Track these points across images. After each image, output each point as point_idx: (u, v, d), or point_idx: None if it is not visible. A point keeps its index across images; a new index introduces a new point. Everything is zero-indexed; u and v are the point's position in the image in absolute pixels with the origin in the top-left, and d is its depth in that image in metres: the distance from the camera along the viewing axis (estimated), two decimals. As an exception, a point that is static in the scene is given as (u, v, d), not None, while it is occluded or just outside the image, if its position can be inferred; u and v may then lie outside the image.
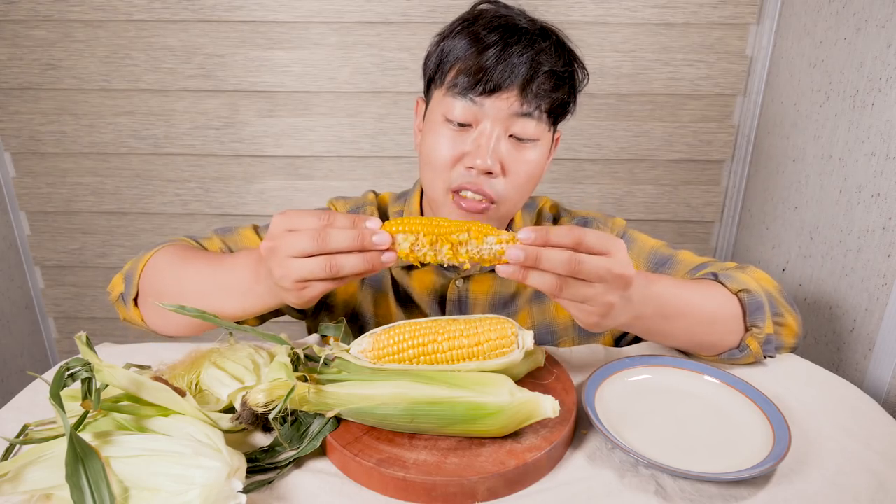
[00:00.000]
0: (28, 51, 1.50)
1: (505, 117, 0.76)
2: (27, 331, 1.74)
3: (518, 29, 0.77)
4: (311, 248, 0.60)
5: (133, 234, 1.69)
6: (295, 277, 0.61)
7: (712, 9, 1.45)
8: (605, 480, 0.61)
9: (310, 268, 0.60)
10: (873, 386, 1.00)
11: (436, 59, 0.81)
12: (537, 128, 0.78)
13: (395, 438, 0.63)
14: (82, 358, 0.59)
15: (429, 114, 0.83)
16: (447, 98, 0.78)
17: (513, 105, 0.76)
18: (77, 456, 0.52)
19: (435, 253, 0.61)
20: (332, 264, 0.60)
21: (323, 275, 0.61)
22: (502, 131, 0.77)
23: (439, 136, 0.79)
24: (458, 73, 0.77)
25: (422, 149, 0.83)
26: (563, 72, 0.79)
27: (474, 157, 0.76)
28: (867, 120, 1.07)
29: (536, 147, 0.80)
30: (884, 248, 1.00)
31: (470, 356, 0.65)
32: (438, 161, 0.79)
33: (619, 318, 0.65)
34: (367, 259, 0.60)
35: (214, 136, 1.58)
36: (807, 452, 0.65)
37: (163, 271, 0.80)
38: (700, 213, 1.64)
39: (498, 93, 0.75)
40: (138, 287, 0.82)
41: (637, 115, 1.55)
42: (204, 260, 0.80)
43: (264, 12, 1.47)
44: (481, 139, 0.77)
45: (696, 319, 0.75)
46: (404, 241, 0.61)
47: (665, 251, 0.91)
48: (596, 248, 0.59)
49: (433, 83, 0.83)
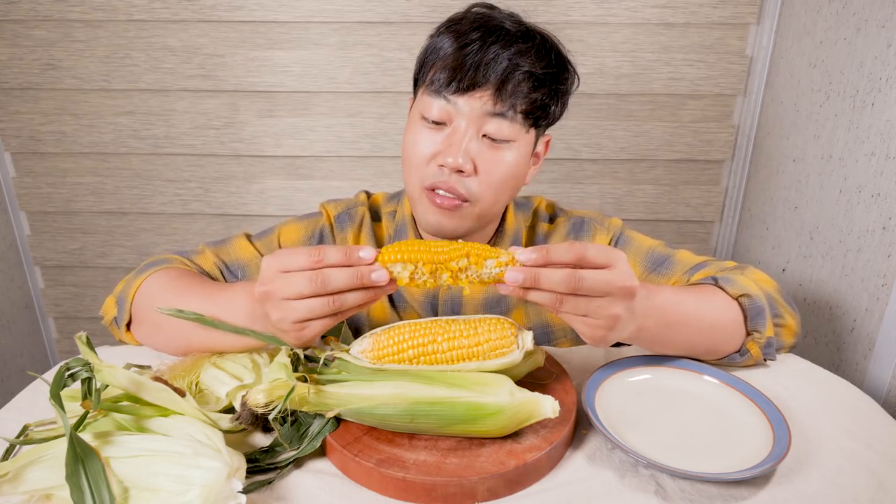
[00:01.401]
0: (28, 51, 1.50)
1: (478, 116, 0.77)
2: (27, 331, 1.74)
3: (499, 29, 0.77)
4: (309, 291, 0.58)
5: (133, 234, 1.69)
6: (294, 318, 0.60)
7: (712, 9, 1.45)
8: (605, 480, 0.61)
9: (310, 306, 0.59)
10: (873, 386, 1.00)
11: (421, 58, 0.82)
12: (511, 128, 0.78)
13: (394, 439, 0.63)
14: (82, 358, 0.59)
15: (410, 113, 0.85)
16: (424, 96, 0.79)
17: (486, 104, 0.76)
18: (77, 456, 0.52)
19: (435, 280, 0.61)
20: (335, 300, 0.59)
21: (325, 312, 0.59)
22: (475, 131, 0.77)
23: (416, 133, 0.80)
24: (436, 71, 0.78)
25: (402, 147, 0.84)
26: (542, 74, 0.77)
27: (446, 156, 0.77)
28: (867, 120, 1.07)
29: (512, 149, 0.79)
30: (884, 248, 1.00)
31: (470, 356, 0.65)
32: (414, 158, 0.80)
33: (624, 331, 0.64)
34: (368, 292, 0.60)
35: (214, 136, 1.58)
36: (807, 452, 0.65)
37: (155, 301, 0.77)
38: (700, 213, 1.64)
39: (472, 91, 0.76)
40: (131, 313, 0.81)
41: (637, 115, 1.55)
42: (199, 291, 0.77)
43: (264, 12, 1.47)
44: (453, 137, 0.77)
45: (698, 328, 0.75)
46: (404, 271, 0.60)
47: (663, 251, 0.91)
48: (597, 261, 0.59)
49: (417, 82, 0.84)
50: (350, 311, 0.61)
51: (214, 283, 0.82)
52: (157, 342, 0.80)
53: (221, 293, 0.75)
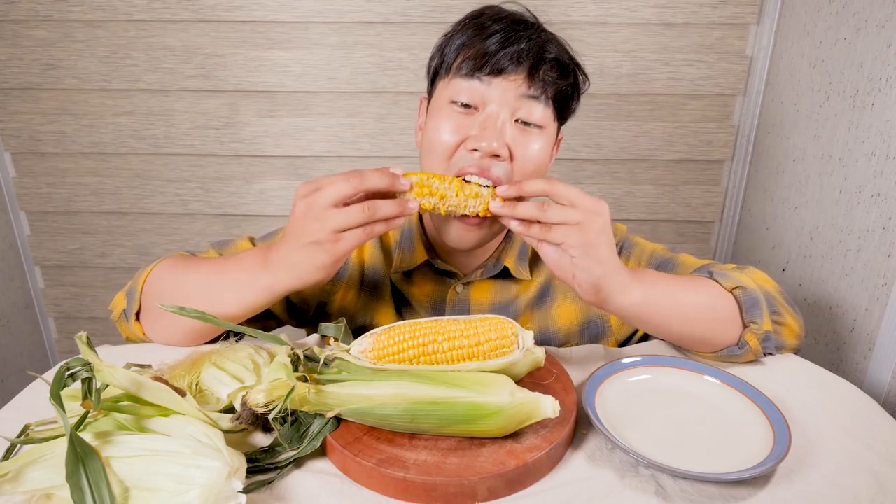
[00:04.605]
0: (28, 51, 1.50)
1: (512, 99, 0.76)
2: (27, 331, 1.74)
3: (523, 20, 0.79)
4: (351, 190, 0.65)
5: (133, 234, 1.69)
6: (333, 226, 0.65)
7: (712, 9, 1.45)
8: (605, 480, 0.61)
9: (347, 214, 0.65)
10: (873, 386, 1.00)
11: (440, 54, 0.82)
12: (543, 113, 0.78)
13: (395, 439, 0.63)
14: (82, 358, 0.59)
15: (432, 104, 0.83)
16: (454, 81, 0.78)
17: (520, 87, 0.76)
18: (77, 456, 0.52)
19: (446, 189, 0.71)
20: (369, 206, 0.65)
21: (360, 219, 0.65)
22: (509, 114, 0.77)
23: (443, 119, 0.78)
24: (464, 58, 0.78)
25: (424, 137, 0.83)
26: (567, 62, 0.80)
27: (479, 140, 0.75)
28: (867, 120, 1.07)
29: (542, 136, 0.79)
30: (884, 248, 1.00)
31: (470, 356, 0.65)
32: (440, 146, 0.78)
33: (617, 276, 0.69)
34: (398, 203, 0.67)
35: (214, 136, 1.58)
36: (807, 453, 0.65)
37: (164, 279, 0.81)
38: (700, 213, 1.64)
39: (505, 74, 0.76)
40: (141, 302, 0.82)
41: (637, 115, 1.55)
42: (206, 263, 0.81)
43: (264, 12, 1.47)
44: (488, 122, 0.76)
45: (691, 310, 0.76)
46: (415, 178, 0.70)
47: (665, 254, 0.91)
48: (561, 200, 0.67)
49: (437, 76, 0.83)
50: (378, 225, 0.67)
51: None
52: (163, 326, 0.81)
53: (230, 257, 0.81)
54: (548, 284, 0.92)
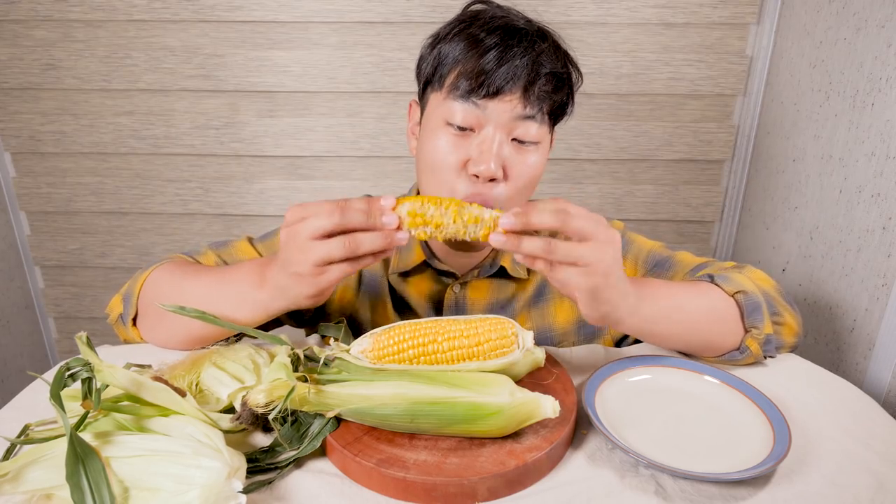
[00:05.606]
0: (28, 51, 1.50)
1: (507, 120, 0.75)
2: (27, 331, 1.74)
3: (517, 30, 0.76)
4: (330, 225, 0.62)
5: (133, 234, 1.69)
6: (314, 260, 0.63)
7: (712, 9, 1.45)
8: (605, 480, 0.61)
9: (328, 248, 0.63)
10: (873, 386, 1.00)
11: (433, 62, 0.80)
12: (539, 130, 0.78)
13: (395, 439, 0.63)
14: (82, 358, 0.59)
15: (426, 118, 0.82)
16: (448, 101, 0.77)
17: (516, 108, 0.75)
18: (77, 456, 0.52)
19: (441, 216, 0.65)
20: (350, 240, 0.63)
21: (342, 253, 0.63)
22: (505, 135, 0.76)
23: (440, 140, 0.78)
24: (458, 75, 0.76)
25: (421, 154, 0.81)
26: (562, 73, 0.78)
27: (478, 164, 0.75)
28: (867, 120, 1.07)
29: (538, 150, 0.79)
30: (884, 248, 1.00)
31: (470, 356, 0.65)
32: (444, 168, 0.77)
33: (616, 305, 0.66)
34: (383, 236, 0.63)
35: (214, 136, 1.58)
36: (807, 452, 0.65)
37: (161, 286, 0.80)
38: (700, 213, 1.64)
39: (500, 95, 0.74)
40: (137, 306, 0.82)
41: (637, 115, 1.55)
42: (204, 272, 0.80)
43: (264, 12, 1.47)
44: (484, 145, 0.75)
45: (694, 319, 0.75)
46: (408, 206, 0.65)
47: (663, 252, 0.91)
48: (578, 234, 0.62)
49: (430, 86, 0.81)
50: (365, 259, 0.65)
51: (220, 266, 0.85)
52: (160, 332, 0.81)
53: (227, 268, 0.80)
54: (544, 283, 0.93)
